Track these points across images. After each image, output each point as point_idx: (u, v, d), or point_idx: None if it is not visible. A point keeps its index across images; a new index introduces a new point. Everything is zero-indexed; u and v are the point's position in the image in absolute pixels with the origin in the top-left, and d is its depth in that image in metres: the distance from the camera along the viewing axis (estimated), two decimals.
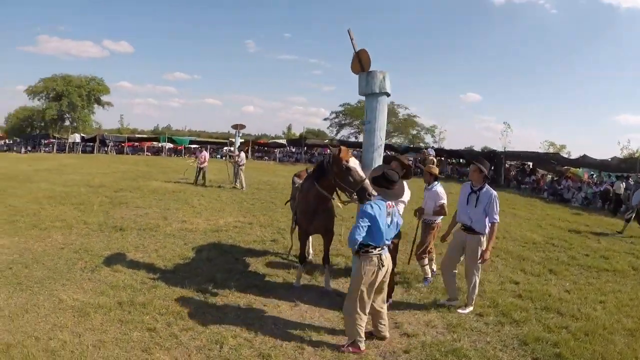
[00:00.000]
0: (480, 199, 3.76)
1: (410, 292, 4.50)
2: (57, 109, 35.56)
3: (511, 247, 6.65)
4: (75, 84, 36.26)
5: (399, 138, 28.77)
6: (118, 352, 2.91)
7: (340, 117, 28.96)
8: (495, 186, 16.79)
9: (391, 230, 3.08)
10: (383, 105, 3.66)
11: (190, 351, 2.95)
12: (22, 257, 4.94)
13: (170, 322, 3.38)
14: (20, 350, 2.84)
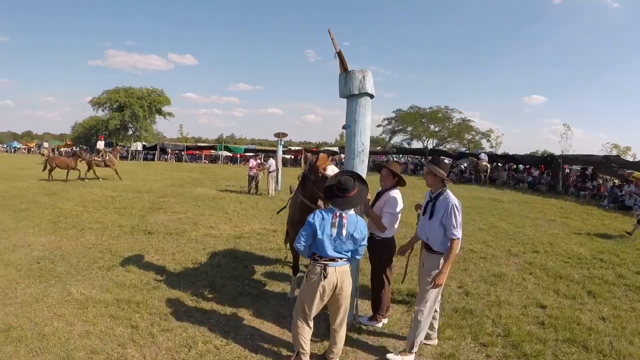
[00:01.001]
0: (436, 209, 3.18)
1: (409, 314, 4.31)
2: (120, 119, 39.84)
3: (550, 263, 6.15)
4: (137, 96, 40.56)
5: (454, 144, 27.74)
6: (97, 344, 3.31)
7: (393, 123, 28.69)
8: (553, 193, 15.65)
9: (343, 243, 2.96)
10: (364, 107, 3.58)
11: (159, 351, 3.26)
12: (52, 254, 5.70)
13: (154, 322, 3.74)
14: (18, 332, 3.40)
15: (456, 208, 3.09)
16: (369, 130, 3.66)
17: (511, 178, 19.90)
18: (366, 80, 3.51)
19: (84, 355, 3.13)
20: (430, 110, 27.30)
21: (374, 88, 3.65)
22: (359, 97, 3.53)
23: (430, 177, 3.24)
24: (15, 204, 9.40)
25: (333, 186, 3.05)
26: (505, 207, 12.00)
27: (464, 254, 6.47)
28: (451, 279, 5.25)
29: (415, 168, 25.54)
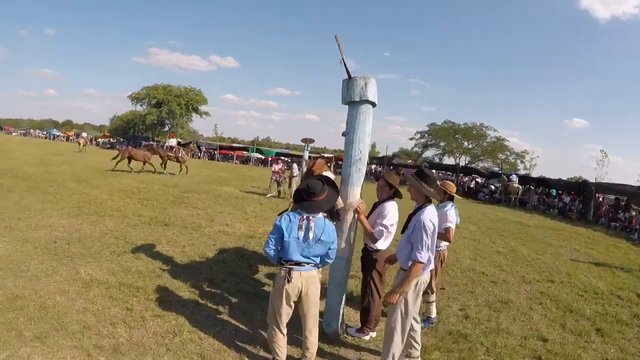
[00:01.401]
0: (410, 224, 3.05)
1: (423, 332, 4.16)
2: (157, 115, 41.55)
3: (563, 295, 5.87)
4: (175, 94, 42.29)
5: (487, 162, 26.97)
6: (91, 320, 3.54)
7: (426, 137, 28.33)
8: (583, 222, 14.94)
9: (311, 247, 2.98)
10: (365, 115, 3.57)
11: (147, 334, 3.44)
12: (69, 236, 6.07)
13: (148, 307, 3.94)
14: (22, 302, 3.69)
15: (425, 227, 2.88)
16: (369, 138, 3.63)
17: (542, 202, 19.18)
18: (368, 87, 3.49)
19: (77, 329, 3.35)
20: (465, 126, 26.80)
21: (376, 96, 3.63)
22: (360, 104, 3.53)
23: (414, 190, 3.12)
24: (45, 187, 10.04)
25: (302, 190, 3.09)
26: (530, 231, 11.60)
27: (474, 276, 6.34)
28: (454, 300, 5.18)
29: None
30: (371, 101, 3.57)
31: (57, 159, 19.20)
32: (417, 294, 3.05)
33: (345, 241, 3.59)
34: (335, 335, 3.76)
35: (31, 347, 3.01)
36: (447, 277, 6.16)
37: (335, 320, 3.75)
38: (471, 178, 24.25)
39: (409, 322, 3.08)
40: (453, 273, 6.43)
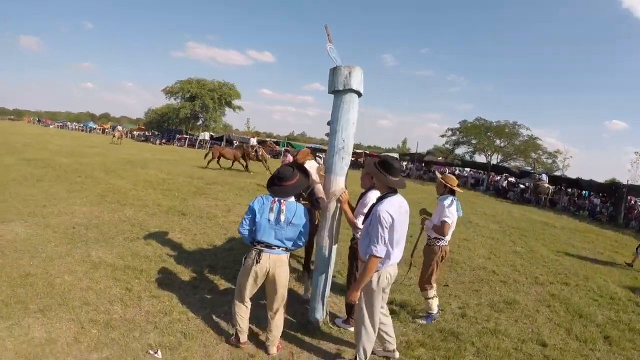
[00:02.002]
0: (370, 214, 3.04)
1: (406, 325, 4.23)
2: (191, 109, 42.99)
3: (575, 299, 5.69)
4: (208, 88, 43.63)
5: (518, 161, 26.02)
6: (92, 298, 3.90)
7: (458, 134, 27.69)
8: (613, 225, 14.21)
9: (283, 229, 3.16)
10: (348, 103, 3.60)
11: (139, 312, 3.76)
12: (89, 222, 6.56)
13: (147, 288, 4.27)
14: (32, 279, 4.13)
15: (381, 219, 2.86)
16: (353, 127, 3.67)
17: (572, 204, 18.40)
18: (352, 76, 3.53)
19: (77, 305, 3.71)
20: (497, 124, 26.02)
21: (362, 85, 3.66)
22: (344, 93, 3.58)
23: (376, 180, 3.15)
24: (73, 177, 10.77)
25: (274, 175, 3.32)
26: (555, 233, 11.22)
27: (484, 275, 6.28)
28: (455, 298, 5.14)
29: (477, 183, 24.51)
30: (355, 90, 3.60)
31: (90, 150, 20.36)
32: (380, 288, 3.06)
33: (328, 230, 3.70)
34: (319, 325, 3.90)
35: (33, 318, 3.39)
36: (454, 274, 6.15)
37: (319, 309, 3.89)
38: (503, 177, 23.59)
39: (376, 317, 3.11)
40: (461, 270, 6.40)
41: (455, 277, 6.03)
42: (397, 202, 3.03)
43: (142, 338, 3.30)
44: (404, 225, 3.10)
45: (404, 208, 3.09)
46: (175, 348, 3.20)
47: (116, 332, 3.33)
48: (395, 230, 2.94)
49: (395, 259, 3.09)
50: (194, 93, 43.85)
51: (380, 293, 3.10)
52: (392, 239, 2.95)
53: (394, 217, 2.89)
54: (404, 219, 3.06)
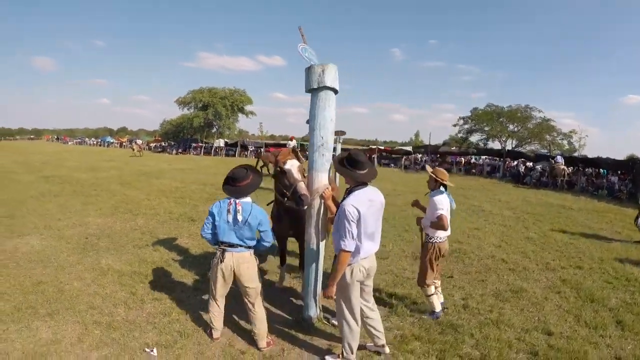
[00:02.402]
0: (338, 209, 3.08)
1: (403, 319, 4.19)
2: (204, 117, 43.86)
3: (588, 283, 5.50)
4: (220, 95, 44.47)
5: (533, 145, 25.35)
6: (98, 302, 4.17)
7: (470, 122, 27.26)
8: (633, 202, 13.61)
9: (241, 229, 3.33)
10: (324, 101, 3.67)
11: (141, 314, 3.99)
12: (101, 232, 6.90)
13: (150, 292, 4.50)
14: (43, 287, 4.47)
15: (346, 214, 2.88)
16: (331, 124, 3.72)
17: (590, 184, 17.85)
18: (325, 74, 3.59)
19: (84, 308, 3.98)
20: (509, 109, 25.47)
21: (336, 82, 3.71)
22: (319, 91, 3.66)
23: (344, 175, 3.22)
24: (89, 191, 11.26)
25: (228, 177, 3.45)
26: (572, 215, 10.97)
27: (492, 264, 6.20)
28: (459, 290, 5.06)
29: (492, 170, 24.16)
30: (330, 87, 3.66)
31: (107, 164, 21.08)
32: (354, 281, 3.07)
33: (314, 227, 3.79)
34: (312, 322, 3.98)
35: (42, 322, 3.68)
36: (461, 264, 6.11)
37: (312, 306, 3.97)
38: (519, 162, 23.15)
39: (356, 311, 3.16)
40: (469, 261, 6.31)
41: (461, 267, 5.96)
42: (366, 195, 3.03)
43: (141, 337, 3.51)
44: (376, 218, 3.10)
45: (377, 201, 3.10)
46: (171, 346, 3.40)
47: (117, 333, 3.56)
48: (364, 223, 2.93)
49: (368, 252, 3.09)
50: (206, 102, 44.81)
51: (356, 287, 3.11)
52: (362, 233, 2.95)
53: (361, 210, 2.90)
54: (374, 212, 3.06)
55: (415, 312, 4.33)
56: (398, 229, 8.07)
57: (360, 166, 3.07)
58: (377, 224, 3.12)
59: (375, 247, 3.16)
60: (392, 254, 6.39)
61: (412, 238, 7.35)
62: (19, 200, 9.42)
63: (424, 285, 4.18)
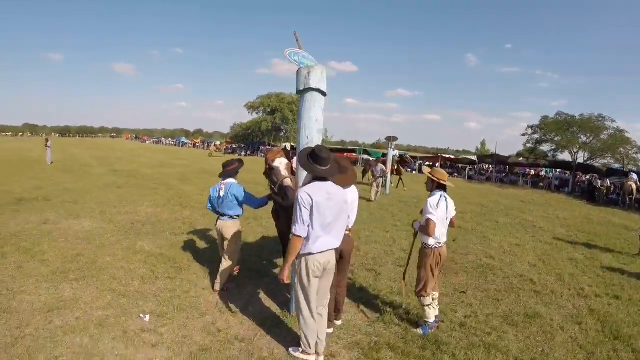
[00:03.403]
0: None
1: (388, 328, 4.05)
2: (271, 122, 46.00)
3: (620, 315, 4.85)
4: (287, 101, 46.54)
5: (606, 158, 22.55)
6: (121, 274, 4.89)
7: (539, 132, 25.18)
8: None
9: (223, 202, 4.60)
10: (310, 102, 3.83)
11: (152, 288, 4.58)
12: (147, 220, 7.84)
13: (167, 271, 5.11)
14: (80, 259, 5.31)
15: (298, 200, 3.04)
16: (316, 124, 3.86)
17: None
18: (311, 76, 3.77)
19: (106, 278, 4.71)
20: (581, 118, 23.08)
21: (322, 83, 3.84)
22: (305, 92, 3.83)
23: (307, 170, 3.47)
24: (149, 184, 12.57)
25: (222, 165, 4.86)
26: (631, 238, 9.96)
27: (517, 283, 5.73)
28: (466, 307, 4.74)
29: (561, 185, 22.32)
30: (315, 88, 3.80)
31: (176, 162, 23.09)
32: (310, 275, 3.15)
33: None
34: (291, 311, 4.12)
35: (68, 284, 4.45)
36: (482, 281, 5.75)
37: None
38: (593, 177, 21.11)
39: (312, 306, 3.23)
40: (492, 277, 5.93)
41: (480, 284, 5.61)
42: (325, 188, 3.12)
43: (143, 306, 4.08)
44: (335, 212, 3.14)
45: (338, 196, 3.17)
46: (162, 316, 3.90)
47: (125, 300, 4.18)
48: (319, 213, 3.03)
49: (325, 247, 3.15)
50: (274, 107, 47.09)
51: (313, 281, 3.18)
52: (316, 222, 3.04)
53: (314, 199, 3.01)
54: (333, 205, 3.12)
55: (405, 322, 4.18)
56: None
57: (321, 162, 3.15)
58: (337, 219, 3.17)
59: (333, 243, 3.21)
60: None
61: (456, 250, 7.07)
62: (86, 189, 10.90)
63: (423, 294, 3.97)
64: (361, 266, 5.94)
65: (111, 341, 3.37)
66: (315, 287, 3.22)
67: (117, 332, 3.52)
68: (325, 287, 3.34)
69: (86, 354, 3.17)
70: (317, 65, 3.93)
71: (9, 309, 3.83)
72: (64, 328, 3.53)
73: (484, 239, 8.39)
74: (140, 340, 3.41)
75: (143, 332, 3.54)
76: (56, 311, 3.82)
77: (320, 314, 3.35)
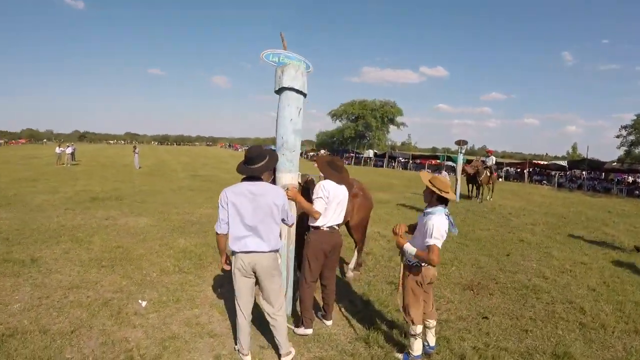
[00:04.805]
0: None
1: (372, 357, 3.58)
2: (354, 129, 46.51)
3: None
4: (369, 107, 46.67)
5: None
6: (146, 265, 5.59)
7: (634, 133, 21.51)
8: None
9: None
10: (284, 101, 3.83)
11: (165, 279, 5.12)
12: (199, 220, 8.80)
13: (187, 266, 5.66)
14: (119, 250, 6.20)
15: (219, 198, 3.20)
16: (291, 124, 3.86)
17: None
18: (284, 75, 3.78)
19: (131, 268, 5.43)
20: None
21: (296, 81, 3.81)
22: (280, 92, 3.85)
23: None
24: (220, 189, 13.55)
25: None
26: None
27: (562, 312, 4.78)
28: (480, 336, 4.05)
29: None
30: (288, 87, 3.79)
31: None
32: (237, 273, 3.22)
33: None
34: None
35: (97, 269, 5.29)
36: (517, 305, 4.90)
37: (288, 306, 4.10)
38: None
39: (242, 305, 3.30)
40: (532, 302, 5.02)
41: (515, 309, 4.77)
42: (248, 188, 3.16)
43: (148, 293, 4.63)
44: (261, 214, 3.16)
45: (262, 197, 3.16)
46: (158, 303, 4.37)
47: (136, 287, 4.79)
48: (239, 213, 3.11)
49: (248, 247, 3.16)
50: (357, 114, 47.61)
51: (241, 280, 3.24)
52: (235, 221, 3.13)
53: (231, 198, 3.11)
54: (256, 207, 3.14)
55: (391, 344, 3.76)
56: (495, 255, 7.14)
57: (249, 162, 3.23)
58: (262, 220, 3.17)
59: (259, 245, 3.18)
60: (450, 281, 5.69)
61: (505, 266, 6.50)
62: (159, 191, 12.38)
63: (408, 318, 3.46)
64: (383, 279, 5.61)
65: (104, 318, 3.95)
66: (244, 286, 3.26)
67: (113, 311, 4.10)
68: (269, 289, 3.29)
69: (78, 324, 3.80)
70: (292, 64, 3.90)
71: (41, 284, 4.73)
72: (74, 303, 4.25)
73: (546, 255, 7.44)
74: (127, 321, 3.93)
75: (134, 315, 4.06)
76: (75, 289, 4.59)
77: (275, 317, 3.34)
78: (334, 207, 3.85)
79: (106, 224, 7.88)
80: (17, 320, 3.82)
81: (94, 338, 3.57)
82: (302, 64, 4.06)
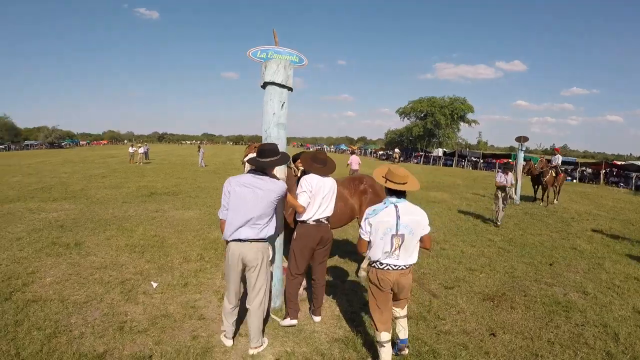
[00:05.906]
0: None
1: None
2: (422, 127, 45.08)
3: None
4: (438, 105, 44.88)
5: None
6: (173, 252, 6.19)
7: None
8: None
9: None
10: (268, 95, 3.90)
11: (185, 266, 5.61)
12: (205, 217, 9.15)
13: (207, 255, 6.14)
14: (155, 237, 6.94)
15: (223, 186, 3.35)
16: (274, 118, 3.91)
17: None
18: (266, 69, 3.85)
19: (159, 255, 6.05)
20: None
21: (278, 76, 3.85)
22: (264, 87, 3.94)
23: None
24: None
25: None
26: None
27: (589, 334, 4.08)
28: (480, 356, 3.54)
29: None
30: (270, 81, 3.86)
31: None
32: (229, 260, 3.35)
33: None
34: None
35: (128, 254, 6.00)
36: (541, 324, 4.27)
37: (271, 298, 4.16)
38: None
39: (230, 290, 3.47)
40: (562, 322, 4.34)
41: (535, 328, 4.16)
42: (250, 180, 3.30)
43: (162, 277, 5.14)
44: (261, 206, 3.25)
45: (262, 190, 3.26)
46: (167, 286, 4.84)
47: (156, 271, 5.36)
48: (236, 200, 3.25)
49: (239, 235, 3.27)
50: (426, 111, 46.08)
51: (231, 267, 3.35)
52: (231, 209, 3.26)
53: (234, 187, 3.28)
54: (254, 197, 3.24)
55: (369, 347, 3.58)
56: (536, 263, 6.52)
57: (261, 154, 3.39)
58: (259, 212, 3.26)
59: (251, 234, 3.26)
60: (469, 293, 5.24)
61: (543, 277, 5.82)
62: (214, 187, 13.41)
63: (372, 323, 3.28)
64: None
65: (115, 294, 4.54)
66: (232, 273, 3.37)
67: (125, 290, 4.68)
68: (251, 281, 3.39)
69: (92, 297, 4.43)
70: (276, 58, 3.95)
71: (76, 263, 5.52)
72: (96, 280, 4.93)
73: (596, 266, 6.47)
74: (134, 298, 4.47)
75: (142, 294, 4.59)
76: (102, 269, 5.30)
77: (249, 309, 3.42)
78: (319, 200, 3.84)
79: (154, 216, 8.78)
80: (45, 291, 4.57)
81: (100, 309, 4.15)
82: (287, 58, 4.03)
